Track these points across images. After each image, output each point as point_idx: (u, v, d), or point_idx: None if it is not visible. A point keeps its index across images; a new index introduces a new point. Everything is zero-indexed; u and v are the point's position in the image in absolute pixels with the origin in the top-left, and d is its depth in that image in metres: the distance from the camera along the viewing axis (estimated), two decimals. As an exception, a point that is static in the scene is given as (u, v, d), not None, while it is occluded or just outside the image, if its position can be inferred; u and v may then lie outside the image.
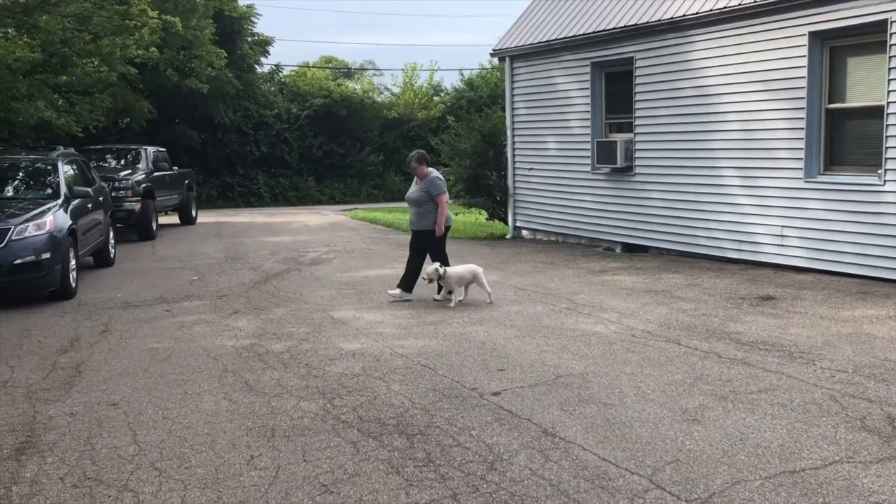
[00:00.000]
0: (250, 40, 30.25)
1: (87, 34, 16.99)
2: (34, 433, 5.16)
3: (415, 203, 9.35)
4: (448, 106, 33.27)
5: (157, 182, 18.10)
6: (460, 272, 9.11)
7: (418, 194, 9.32)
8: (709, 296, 9.12)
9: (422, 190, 9.28)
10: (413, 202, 9.38)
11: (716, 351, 6.73)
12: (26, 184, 11.45)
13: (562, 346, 7.01)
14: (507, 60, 15.59)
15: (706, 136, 11.55)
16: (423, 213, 9.29)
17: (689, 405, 5.37)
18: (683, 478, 4.22)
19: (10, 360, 7.05)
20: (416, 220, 9.39)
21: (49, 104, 16.60)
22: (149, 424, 5.26)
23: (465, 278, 9.09)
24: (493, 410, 5.36)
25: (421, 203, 9.29)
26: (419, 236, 9.42)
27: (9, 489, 4.30)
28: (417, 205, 9.33)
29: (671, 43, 11.98)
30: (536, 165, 15.20)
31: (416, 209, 9.35)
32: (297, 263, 12.83)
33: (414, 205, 9.37)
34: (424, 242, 9.39)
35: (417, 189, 9.36)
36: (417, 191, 9.34)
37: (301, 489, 4.21)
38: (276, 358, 6.89)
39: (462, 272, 9.12)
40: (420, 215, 9.33)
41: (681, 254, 12.21)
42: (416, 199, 9.35)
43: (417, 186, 9.39)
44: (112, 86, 20.05)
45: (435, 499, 4.05)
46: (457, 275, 9.06)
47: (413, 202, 9.38)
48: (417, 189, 9.36)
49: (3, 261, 9.31)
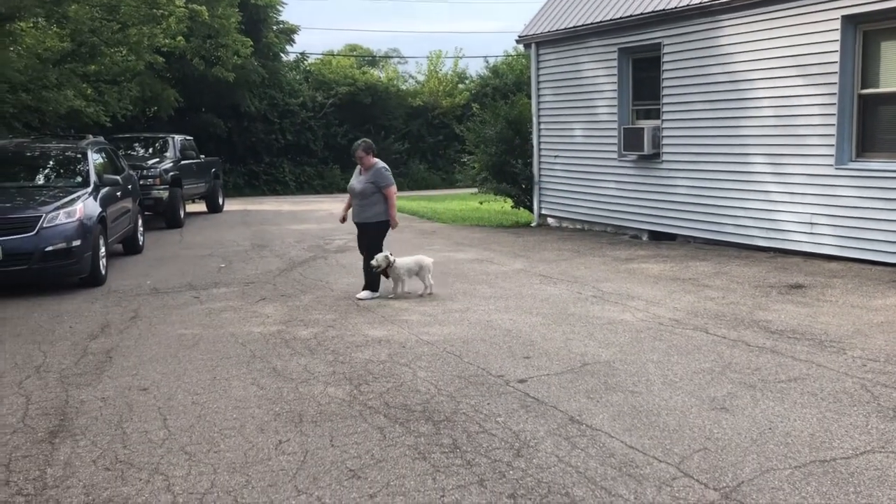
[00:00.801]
0: (276, 29, 30.30)
1: (116, 23, 17.15)
2: (67, 417, 5.25)
3: (360, 195, 8.95)
4: (473, 93, 33.14)
5: (185, 170, 18.24)
6: (408, 263, 8.95)
7: (364, 185, 8.93)
8: (737, 284, 9.03)
9: (368, 181, 8.91)
10: (358, 194, 8.98)
11: (744, 339, 6.67)
12: (56, 172, 11.59)
13: (588, 334, 6.98)
14: (532, 47, 15.50)
15: (735, 123, 11.40)
16: (367, 204, 8.93)
17: (717, 393, 5.33)
18: (712, 466, 4.19)
19: (43, 345, 7.17)
20: (361, 212, 9.01)
21: (78, 93, 16.80)
22: (178, 409, 5.32)
23: (413, 269, 8.94)
24: (520, 398, 5.36)
25: (367, 195, 8.91)
26: (365, 228, 9.07)
27: (43, 471, 4.38)
28: (363, 196, 8.93)
29: (700, 28, 11.82)
30: (562, 153, 15.12)
31: (361, 201, 8.96)
32: (323, 251, 12.89)
33: (359, 196, 8.96)
34: (369, 234, 9.04)
35: (363, 180, 8.96)
36: (363, 182, 8.95)
37: (329, 474, 4.24)
38: (302, 344, 6.93)
39: (410, 263, 8.96)
40: (364, 207, 8.96)
41: (708, 242, 12.09)
42: (361, 191, 8.94)
43: (362, 177, 8.99)
44: (139, 75, 20.23)
45: (462, 484, 4.07)
46: (405, 265, 8.90)
47: (358, 194, 8.98)
48: (363, 180, 8.96)
49: (34, 248, 9.45)
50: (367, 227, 9.05)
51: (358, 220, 9.10)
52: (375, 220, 8.96)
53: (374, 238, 9.03)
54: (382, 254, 8.77)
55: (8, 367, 6.44)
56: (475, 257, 11.69)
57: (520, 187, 16.49)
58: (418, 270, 8.96)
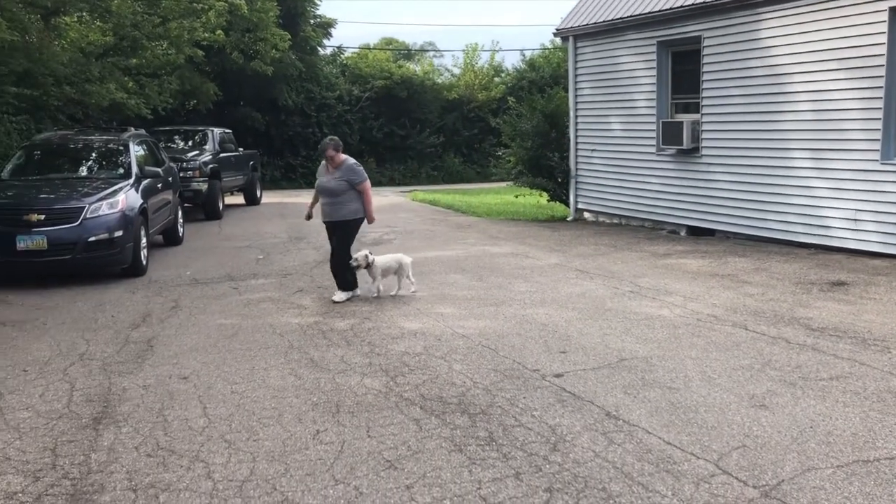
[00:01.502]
0: (313, 22, 30.46)
1: (157, 17, 17.40)
2: (110, 404, 5.35)
3: (331, 193, 8.58)
4: (509, 87, 33.00)
5: (224, 163, 18.44)
6: (387, 261, 8.73)
7: (336, 183, 8.55)
8: (777, 280, 8.90)
9: (340, 179, 8.55)
10: (329, 192, 8.59)
11: (784, 336, 6.57)
12: (99, 164, 11.79)
13: (625, 330, 6.94)
14: (570, 40, 15.39)
15: (776, 117, 11.22)
16: (340, 202, 8.57)
17: (757, 391, 5.26)
18: (751, 464, 4.14)
19: (87, 333, 7.31)
20: (333, 211, 8.63)
21: (120, 86, 17.06)
22: (218, 398, 5.40)
23: (392, 267, 8.71)
24: (556, 392, 5.34)
25: (339, 193, 8.55)
26: (338, 227, 8.69)
27: (87, 456, 4.47)
28: (334, 195, 8.56)
29: (741, 21, 11.65)
30: (599, 146, 15.01)
31: (333, 199, 8.58)
32: (359, 244, 12.91)
33: (330, 195, 8.59)
34: (343, 232, 8.70)
35: (334, 178, 8.58)
36: (334, 180, 8.57)
37: (365, 464, 4.27)
38: (339, 335, 6.99)
39: (389, 261, 8.74)
40: (337, 205, 8.59)
41: (748, 237, 11.93)
42: (333, 189, 8.57)
43: (333, 175, 8.61)
44: (179, 68, 20.49)
45: (498, 477, 4.07)
46: (384, 263, 8.66)
47: (329, 192, 8.59)
48: (334, 178, 8.58)
49: (78, 238, 9.64)
50: (342, 226, 8.67)
51: (330, 218, 8.71)
52: (352, 217, 8.64)
53: (350, 236, 8.74)
54: (363, 252, 8.55)
55: (53, 355, 6.59)
56: (510, 251, 11.67)
57: (556, 181, 16.41)
58: (397, 268, 8.72)
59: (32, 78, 14.92)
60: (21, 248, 9.44)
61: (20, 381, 5.89)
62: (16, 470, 4.30)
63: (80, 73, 16.10)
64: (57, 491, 4.05)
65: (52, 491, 4.05)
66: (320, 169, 8.85)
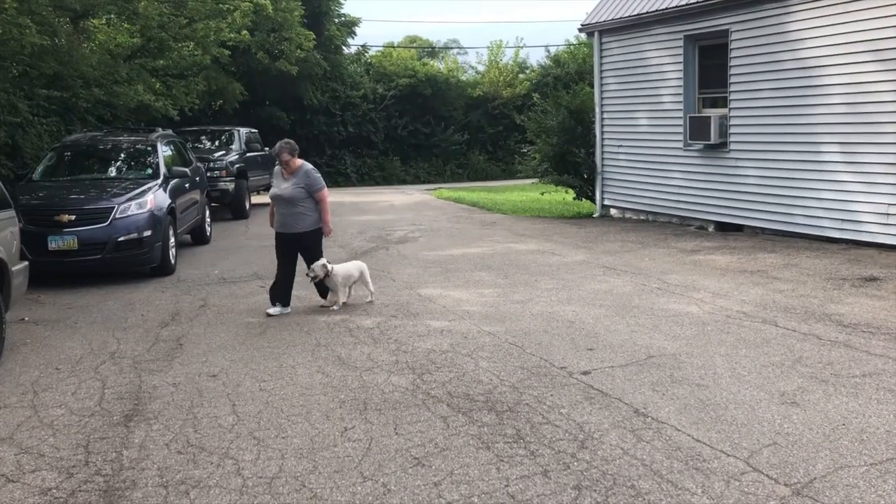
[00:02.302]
0: (337, 21, 30.59)
1: (183, 18, 17.54)
2: (140, 401, 5.41)
3: (288, 202, 7.85)
4: (534, 83, 32.91)
5: (250, 162, 18.58)
6: (348, 269, 8.16)
7: (294, 190, 7.83)
8: (807, 276, 8.79)
9: (297, 185, 7.84)
10: (286, 201, 7.86)
11: (815, 333, 6.49)
12: (128, 164, 11.93)
13: (653, 326, 6.88)
14: (595, 35, 15.30)
15: (806, 111, 11.07)
16: (299, 212, 7.87)
17: (788, 388, 5.20)
18: (782, 461, 4.09)
19: (117, 332, 7.40)
20: (292, 222, 7.91)
21: (147, 87, 17.25)
22: (246, 395, 5.44)
23: (353, 276, 8.15)
24: (583, 389, 5.32)
25: (297, 201, 7.84)
26: (296, 240, 7.97)
27: (119, 453, 4.53)
28: (291, 203, 7.84)
29: (770, 13, 11.50)
30: (626, 142, 14.91)
31: (290, 209, 7.87)
32: (385, 242, 12.99)
33: (286, 204, 7.86)
34: (303, 246, 8.03)
35: (290, 185, 7.86)
36: (291, 187, 7.85)
37: (393, 461, 4.28)
38: (366, 333, 7.01)
39: (350, 269, 8.18)
40: (295, 216, 7.89)
41: (777, 233, 11.78)
42: (290, 197, 7.83)
43: (288, 182, 7.88)
44: (206, 69, 20.68)
45: (526, 475, 4.06)
46: (345, 272, 8.07)
47: (286, 201, 7.86)
48: (290, 185, 7.86)
49: (108, 238, 9.76)
50: (301, 238, 7.98)
51: (287, 230, 7.96)
52: (313, 227, 7.99)
53: (314, 249, 8.06)
54: (320, 262, 7.88)
55: (85, 353, 6.68)
56: (536, 248, 11.63)
57: (582, 177, 16.32)
58: (359, 276, 8.19)
59: (62, 80, 15.12)
60: (53, 248, 9.58)
61: (53, 379, 5.97)
62: (50, 466, 4.37)
63: (108, 74, 16.29)
64: (90, 487, 4.10)
65: (85, 487, 4.10)
66: (274, 175, 8.16)
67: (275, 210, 8.08)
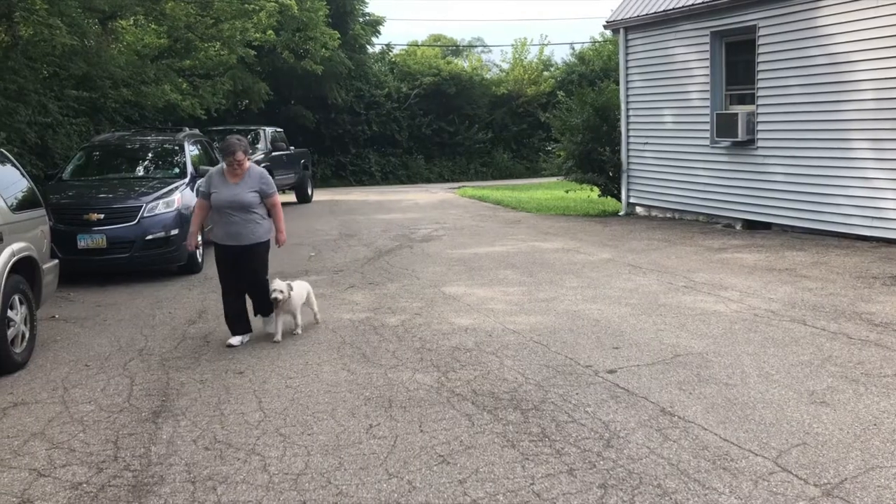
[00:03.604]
0: (362, 21, 30.69)
1: (209, 19, 17.70)
2: (168, 398, 5.47)
3: (241, 207, 6.67)
4: (558, 81, 32.77)
5: (276, 161, 18.69)
6: (300, 290, 7.07)
7: (248, 195, 6.69)
8: (837, 274, 8.67)
9: (251, 189, 6.72)
10: (238, 206, 6.66)
11: (845, 332, 6.40)
12: (155, 164, 12.05)
13: (679, 325, 6.83)
14: (621, 32, 15.21)
15: (836, 107, 10.91)
16: (252, 220, 6.73)
17: (817, 387, 5.13)
18: (811, 461, 4.04)
19: (145, 329, 7.49)
20: (245, 232, 6.72)
21: (174, 87, 17.42)
22: (273, 392, 5.48)
23: (303, 297, 7.14)
24: (609, 388, 5.29)
25: (250, 207, 6.70)
26: (249, 253, 6.78)
27: (148, 449, 4.58)
28: (244, 209, 6.68)
29: (798, 8, 11.35)
30: (652, 140, 14.80)
31: (242, 215, 6.68)
32: (409, 240, 13.01)
33: (238, 209, 6.67)
34: (257, 258, 6.85)
35: (243, 189, 6.70)
36: (244, 190, 6.69)
37: (418, 458, 4.29)
38: (391, 331, 7.02)
39: (302, 290, 7.10)
40: (249, 224, 6.72)
41: (806, 231, 11.63)
42: (243, 203, 6.67)
43: (239, 186, 6.70)
44: (232, 69, 20.84)
45: (551, 473, 4.05)
46: (299, 294, 7.02)
47: (238, 206, 6.66)
48: (243, 189, 6.70)
49: (136, 237, 9.87)
50: (255, 251, 6.81)
51: (239, 241, 6.74)
52: (266, 238, 6.88)
53: (264, 263, 6.97)
54: (282, 281, 6.88)
55: (113, 350, 6.76)
56: (561, 247, 11.58)
57: (607, 175, 16.22)
58: (306, 297, 7.22)
59: (91, 81, 15.33)
60: (82, 247, 9.70)
61: (83, 375, 6.05)
62: (80, 461, 4.43)
63: (136, 75, 16.49)
64: (119, 482, 4.15)
65: (114, 482, 4.15)
66: (213, 178, 6.83)
67: (215, 219, 6.83)
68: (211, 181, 6.80)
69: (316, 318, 7.37)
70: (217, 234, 6.86)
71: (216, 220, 6.85)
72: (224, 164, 6.80)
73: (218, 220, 6.82)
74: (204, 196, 6.86)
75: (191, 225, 6.85)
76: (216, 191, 6.73)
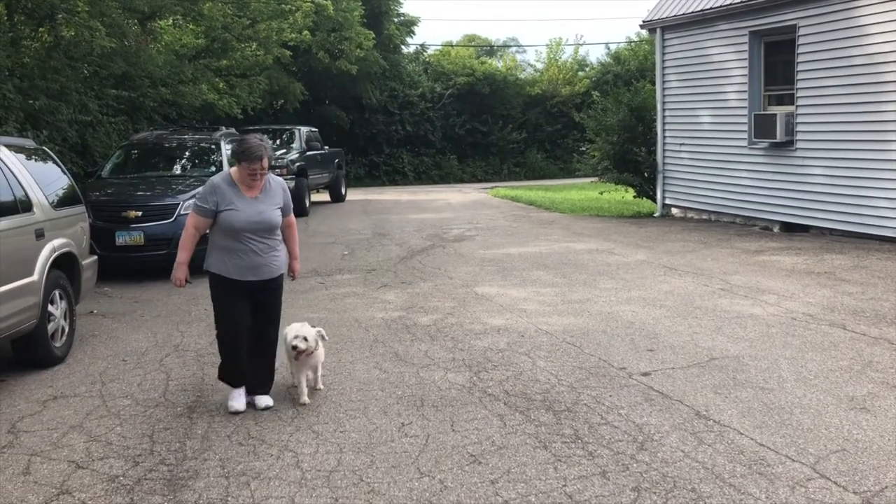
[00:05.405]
0: (396, 21, 30.78)
1: (246, 19, 17.88)
2: (203, 393, 5.53)
3: (268, 229, 5.17)
4: (593, 81, 32.53)
5: (310, 161, 18.81)
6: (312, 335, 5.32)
7: (275, 214, 5.22)
8: (878, 279, 8.50)
9: (275, 205, 5.23)
10: (265, 229, 5.15)
11: (887, 337, 6.26)
12: (192, 162, 12.20)
13: (715, 328, 6.74)
14: (657, 32, 15.07)
15: (877, 108, 10.70)
16: (273, 246, 5.22)
17: (857, 393, 5.03)
18: (851, 468, 3.96)
19: (181, 325, 7.58)
20: (266, 262, 5.18)
21: (211, 87, 17.62)
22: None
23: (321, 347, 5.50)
24: (643, 390, 5.24)
25: (274, 228, 5.22)
26: (265, 288, 5.23)
27: (183, 443, 4.63)
28: (270, 232, 5.19)
29: (839, 7, 11.15)
30: (688, 140, 14.64)
31: (266, 240, 5.17)
32: (441, 240, 13.01)
33: (263, 233, 5.14)
34: (273, 295, 5.33)
35: (265, 204, 5.18)
36: (268, 207, 5.18)
37: (450, 458, 4.28)
38: (423, 330, 7.03)
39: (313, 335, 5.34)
40: (270, 251, 5.20)
41: (845, 233, 11.42)
42: (272, 224, 5.19)
43: (261, 201, 5.16)
44: (268, 69, 21.01)
45: (584, 475, 4.02)
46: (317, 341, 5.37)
47: (265, 229, 5.15)
48: (265, 204, 5.18)
49: (172, 234, 9.94)
50: (272, 289, 5.30)
51: (259, 275, 5.17)
52: (284, 269, 5.42)
53: (279, 304, 5.44)
54: (315, 329, 5.38)
55: (150, 346, 6.85)
56: (595, 248, 11.51)
57: (642, 176, 16.09)
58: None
59: (130, 80, 15.56)
60: (120, 244, 9.86)
61: (120, 370, 6.15)
62: (117, 455, 4.49)
63: (174, 74, 16.71)
64: (155, 476, 4.20)
65: (150, 476, 4.21)
66: (222, 190, 5.14)
67: (221, 244, 5.18)
68: (220, 194, 5.11)
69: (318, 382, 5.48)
70: (224, 266, 5.17)
71: (223, 245, 5.17)
72: (238, 172, 5.17)
73: (227, 247, 5.14)
74: (207, 213, 5.14)
75: (179, 252, 5.29)
76: (232, 207, 5.07)
